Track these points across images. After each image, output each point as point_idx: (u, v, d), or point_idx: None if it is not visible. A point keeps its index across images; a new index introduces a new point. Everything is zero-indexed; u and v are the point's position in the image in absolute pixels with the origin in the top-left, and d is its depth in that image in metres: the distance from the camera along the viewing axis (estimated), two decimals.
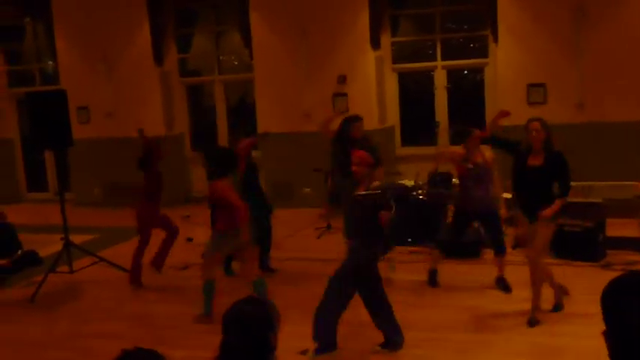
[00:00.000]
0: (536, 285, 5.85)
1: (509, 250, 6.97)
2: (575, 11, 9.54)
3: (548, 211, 5.71)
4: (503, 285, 6.76)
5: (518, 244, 6.90)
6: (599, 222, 7.50)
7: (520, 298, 6.40)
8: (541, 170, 5.78)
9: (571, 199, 7.67)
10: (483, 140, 6.50)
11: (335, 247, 8.49)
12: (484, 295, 6.61)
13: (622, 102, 9.53)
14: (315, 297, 5.72)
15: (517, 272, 6.70)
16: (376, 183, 5.50)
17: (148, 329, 6.26)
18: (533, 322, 5.79)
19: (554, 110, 9.82)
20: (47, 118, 7.76)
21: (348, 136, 7.83)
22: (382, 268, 6.73)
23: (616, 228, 7.75)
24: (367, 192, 5.29)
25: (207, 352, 2.93)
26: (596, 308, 6.18)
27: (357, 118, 8.07)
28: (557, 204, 5.77)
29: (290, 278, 7.55)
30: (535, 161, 5.81)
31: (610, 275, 6.92)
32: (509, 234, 7.50)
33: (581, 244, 7.44)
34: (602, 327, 4.12)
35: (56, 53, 12.86)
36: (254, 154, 8.33)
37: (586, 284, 6.70)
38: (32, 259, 8.69)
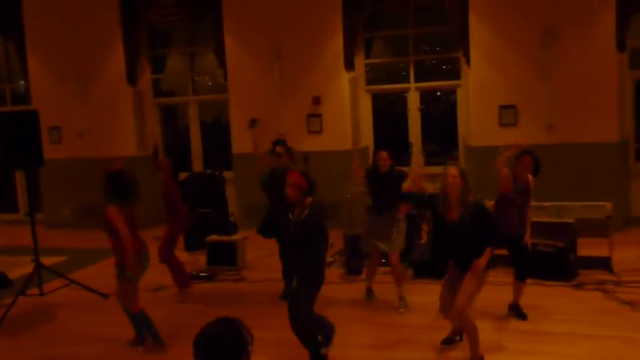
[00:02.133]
0: (470, 336, 5.37)
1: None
2: (544, 34, 9.72)
3: (479, 263, 5.24)
4: (518, 312, 6.54)
5: None
6: (570, 242, 7.58)
7: (491, 318, 6.42)
8: (459, 224, 5.30)
9: (543, 219, 7.81)
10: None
11: None
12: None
13: (591, 123, 9.69)
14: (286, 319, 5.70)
15: (495, 292, 6.73)
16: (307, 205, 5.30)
17: (122, 352, 6.16)
18: None
19: (525, 131, 9.95)
20: (18, 138, 7.67)
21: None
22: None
23: (587, 248, 7.83)
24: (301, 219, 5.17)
25: None
26: (568, 327, 6.23)
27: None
28: (487, 253, 5.26)
29: (266, 299, 7.51)
30: (452, 214, 5.33)
31: (581, 295, 7.01)
32: None
33: (553, 263, 7.49)
34: (575, 346, 4.16)
35: (28, 73, 12.74)
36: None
37: (558, 304, 6.78)
38: (1, 282, 8.54)
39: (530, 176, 6.45)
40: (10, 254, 9.67)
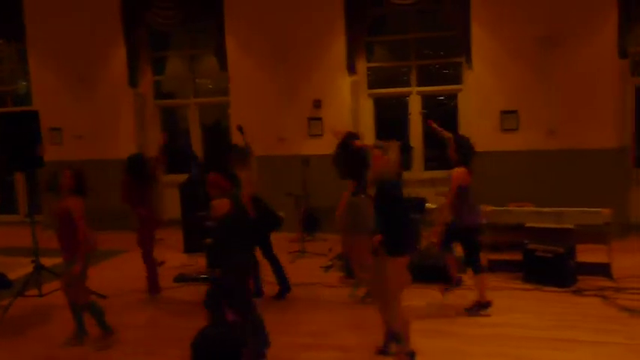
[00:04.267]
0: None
1: None
2: (545, 40, 9.72)
3: (374, 240, 5.46)
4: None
5: None
6: (569, 247, 7.57)
7: (491, 323, 6.42)
8: (375, 200, 5.62)
9: (542, 224, 7.82)
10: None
11: (308, 272, 8.50)
12: (452, 321, 6.60)
13: (592, 129, 9.70)
14: (287, 321, 5.72)
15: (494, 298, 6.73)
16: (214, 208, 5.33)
17: (119, 354, 6.16)
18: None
19: (526, 137, 9.98)
20: (18, 139, 7.69)
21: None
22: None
23: (586, 254, 7.82)
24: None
25: None
26: (567, 333, 6.21)
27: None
28: (377, 236, 5.46)
29: (264, 301, 7.49)
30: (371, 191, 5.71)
31: (580, 301, 7.00)
32: None
33: (551, 269, 7.48)
34: (575, 352, 4.10)
35: (29, 74, 12.76)
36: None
37: (557, 310, 6.76)
38: (1, 283, 8.53)
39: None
40: (10, 255, 9.67)
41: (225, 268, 5.26)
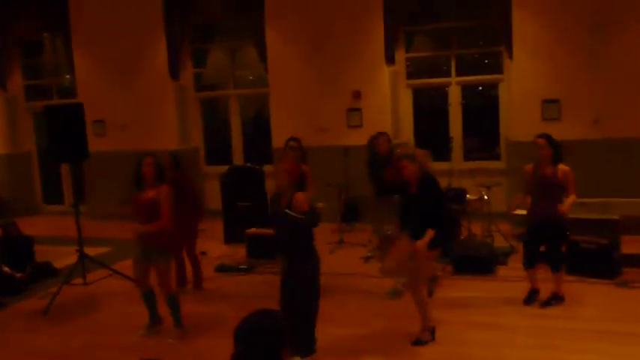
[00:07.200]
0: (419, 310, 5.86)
1: None
2: (589, 27, 9.53)
3: (420, 244, 5.59)
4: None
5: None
6: (614, 239, 7.44)
7: (535, 314, 6.36)
8: (414, 196, 5.74)
9: (586, 215, 7.68)
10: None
11: (347, 263, 8.51)
12: (497, 312, 6.56)
13: (638, 118, 9.48)
14: (325, 312, 5.74)
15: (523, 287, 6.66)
16: (300, 199, 5.34)
17: (161, 342, 6.26)
18: (417, 342, 5.82)
19: (568, 126, 9.80)
20: (64, 131, 7.85)
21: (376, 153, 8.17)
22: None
23: (632, 245, 7.67)
24: (293, 213, 5.27)
25: None
26: (609, 325, 6.12)
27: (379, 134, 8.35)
28: (428, 234, 5.60)
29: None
30: (412, 188, 5.77)
31: (625, 293, 6.90)
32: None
33: (596, 260, 7.36)
34: (616, 344, 3.99)
35: (74, 67, 12.99)
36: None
37: (600, 301, 6.66)
38: (48, 271, 8.75)
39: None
40: (56, 244, 9.90)
41: (310, 259, 5.45)
